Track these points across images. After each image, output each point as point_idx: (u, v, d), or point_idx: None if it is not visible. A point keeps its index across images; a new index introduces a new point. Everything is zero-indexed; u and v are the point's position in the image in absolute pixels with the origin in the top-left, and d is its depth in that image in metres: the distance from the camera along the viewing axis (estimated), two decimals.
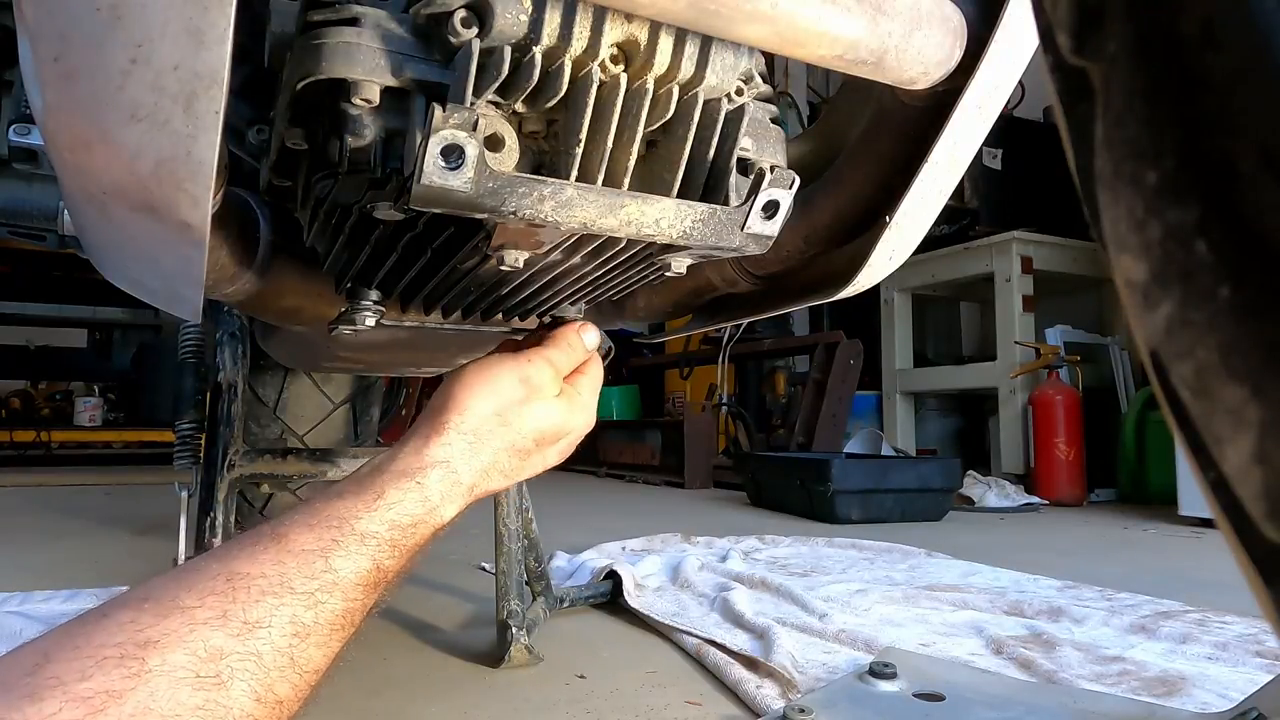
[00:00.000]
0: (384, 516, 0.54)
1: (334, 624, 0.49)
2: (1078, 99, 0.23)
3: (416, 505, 0.57)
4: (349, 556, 0.51)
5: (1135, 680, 1.03)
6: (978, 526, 2.68)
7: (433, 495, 0.58)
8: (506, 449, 0.64)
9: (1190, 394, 0.20)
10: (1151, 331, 0.21)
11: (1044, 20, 0.24)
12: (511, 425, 0.65)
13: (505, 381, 0.65)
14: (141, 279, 0.67)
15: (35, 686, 0.38)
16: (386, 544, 0.54)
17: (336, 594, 0.49)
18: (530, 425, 0.66)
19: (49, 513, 2.70)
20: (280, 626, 0.46)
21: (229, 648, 0.43)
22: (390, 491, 0.56)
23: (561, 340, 0.70)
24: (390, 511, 0.55)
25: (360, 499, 0.55)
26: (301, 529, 0.51)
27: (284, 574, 0.48)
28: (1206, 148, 0.19)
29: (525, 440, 0.65)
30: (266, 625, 0.45)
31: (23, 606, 1.33)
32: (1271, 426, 0.18)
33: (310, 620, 0.47)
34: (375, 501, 0.55)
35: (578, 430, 0.71)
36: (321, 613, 0.48)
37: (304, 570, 0.49)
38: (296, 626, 0.46)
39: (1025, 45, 0.59)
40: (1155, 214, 0.20)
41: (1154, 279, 0.20)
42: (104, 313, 5.15)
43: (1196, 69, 0.19)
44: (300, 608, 0.47)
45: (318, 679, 0.48)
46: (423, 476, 0.58)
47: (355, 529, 0.52)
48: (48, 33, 0.41)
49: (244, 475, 1.03)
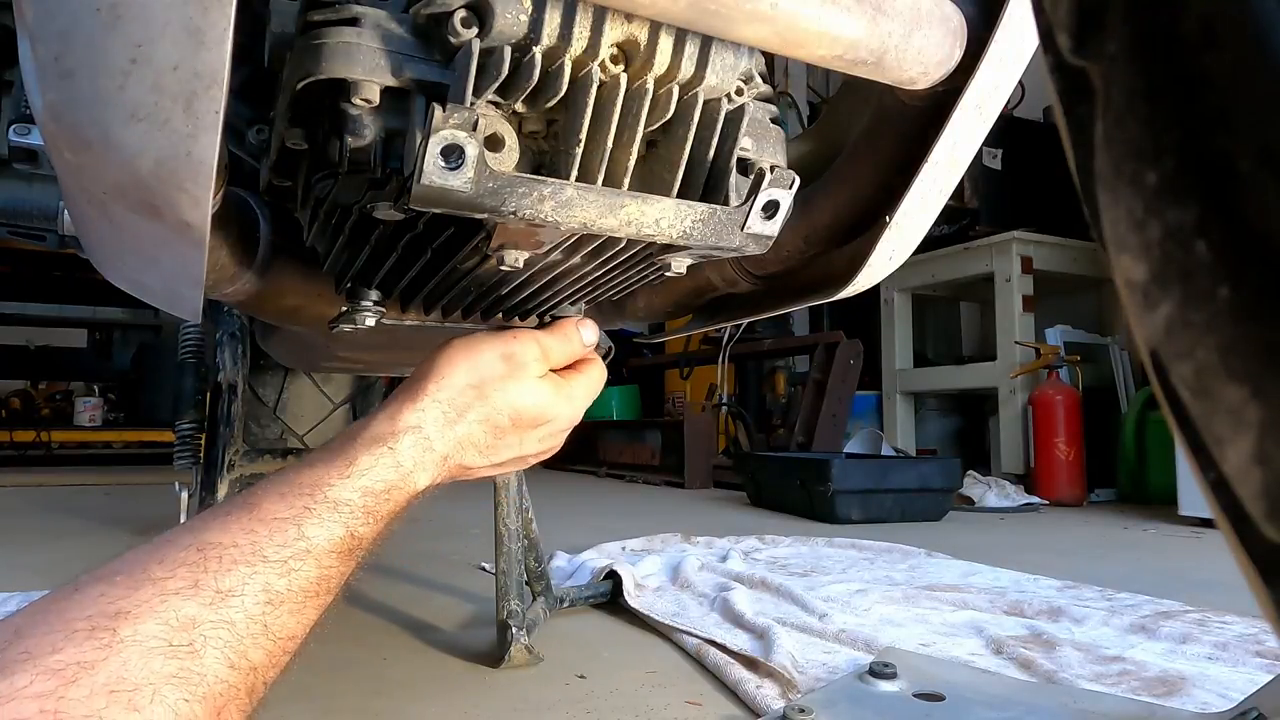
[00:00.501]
0: (356, 484, 0.54)
1: (308, 591, 0.49)
2: (1078, 99, 0.23)
3: (389, 471, 0.56)
4: (322, 524, 0.51)
5: (1135, 680, 1.03)
6: (978, 526, 2.68)
7: (405, 461, 0.57)
8: (481, 422, 0.63)
9: (1190, 394, 0.20)
10: (1151, 331, 0.21)
11: (1044, 20, 0.24)
12: (489, 399, 0.63)
13: (487, 356, 0.65)
14: (141, 279, 0.67)
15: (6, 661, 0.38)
16: (360, 510, 0.53)
17: (310, 561, 0.49)
18: (507, 401, 0.64)
19: (49, 513, 2.70)
20: (253, 594, 0.46)
21: (201, 616, 0.43)
22: (362, 458, 0.56)
23: (557, 328, 0.70)
24: (363, 478, 0.54)
25: (332, 466, 0.54)
26: (273, 498, 0.51)
27: (256, 542, 0.48)
28: (1206, 148, 0.19)
29: (501, 416, 0.64)
30: (239, 594, 0.45)
31: (23, 606, 1.33)
32: (1271, 426, 0.18)
33: (283, 588, 0.47)
34: (348, 468, 0.54)
35: (561, 420, 0.69)
36: (295, 580, 0.48)
37: (276, 538, 0.48)
38: (269, 594, 0.46)
39: (1025, 45, 0.59)
40: (1155, 214, 0.20)
41: (1154, 279, 0.20)
42: (104, 313, 5.15)
43: (1196, 69, 0.19)
44: (273, 575, 0.47)
45: (294, 645, 0.48)
46: (395, 442, 0.58)
47: (328, 496, 0.52)
48: (48, 33, 0.41)
49: (244, 475, 1.03)
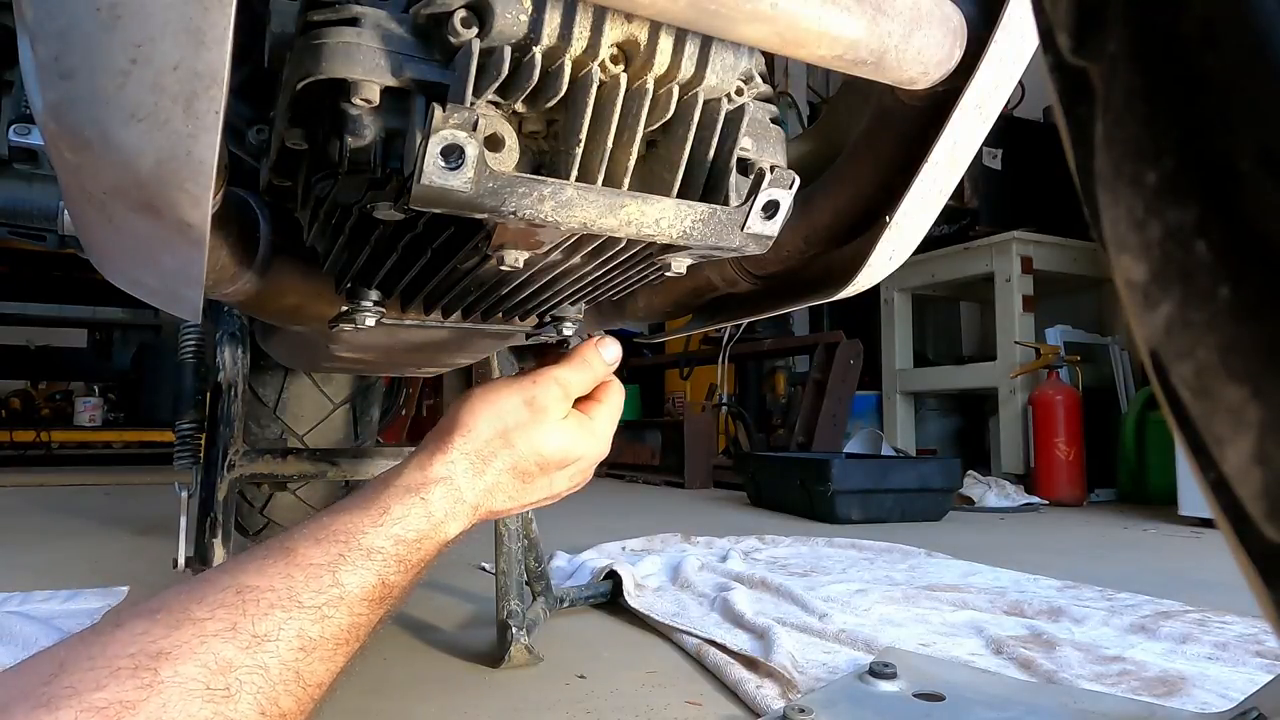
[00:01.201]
0: (389, 531, 0.55)
1: (339, 639, 0.49)
2: (1078, 99, 0.23)
3: (421, 521, 0.57)
4: (355, 571, 0.51)
5: (1135, 680, 1.03)
6: (978, 526, 2.68)
7: (436, 511, 0.58)
8: (509, 470, 0.64)
9: (1190, 394, 0.20)
10: (1151, 331, 0.21)
11: (1044, 20, 0.24)
12: (515, 447, 0.65)
13: (509, 404, 0.66)
14: (141, 279, 0.67)
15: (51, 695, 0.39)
16: (392, 559, 0.54)
17: (343, 609, 0.50)
18: (533, 448, 0.65)
19: (49, 513, 2.70)
20: (287, 640, 0.46)
21: (238, 660, 0.44)
22: (395, 507, 0.57)
23: (576, 357, 0.70)
24: (395, 526, 0.55)
25: (366, 514, 0.55)
26: (309, 543, 0.52)
27: (292, 588, 0.48)
28: (1206, 148, 0.19)
29: (528, 463, 0.65)
30: (274, 639, 0.46)
31: (23, 606, 1.33)
32: (1271, 426, 0.18)
33: (316, 634, 0.48)
34: (381, 516, 0.55)
35: (588, 457, 0.70)
36: (327, 627, 0.48)
37: (311, 584, 0.49)
38: (303, 640, 0.47)
39: (1025, 45, 0.59)
40: (1155, 214, 0.20)
41: (1154, 279, 0.20)
42: (104, 313, 5.15)
43: (1196, 69, 0.19)
44: (307, 622, 0.48)
45: (321, 693, 0.49)
46: (426, 492, 0.59)
47: (361, 544, 0.53)
48: (48, 33, 0.41)
49: (244, 475, 1.03)
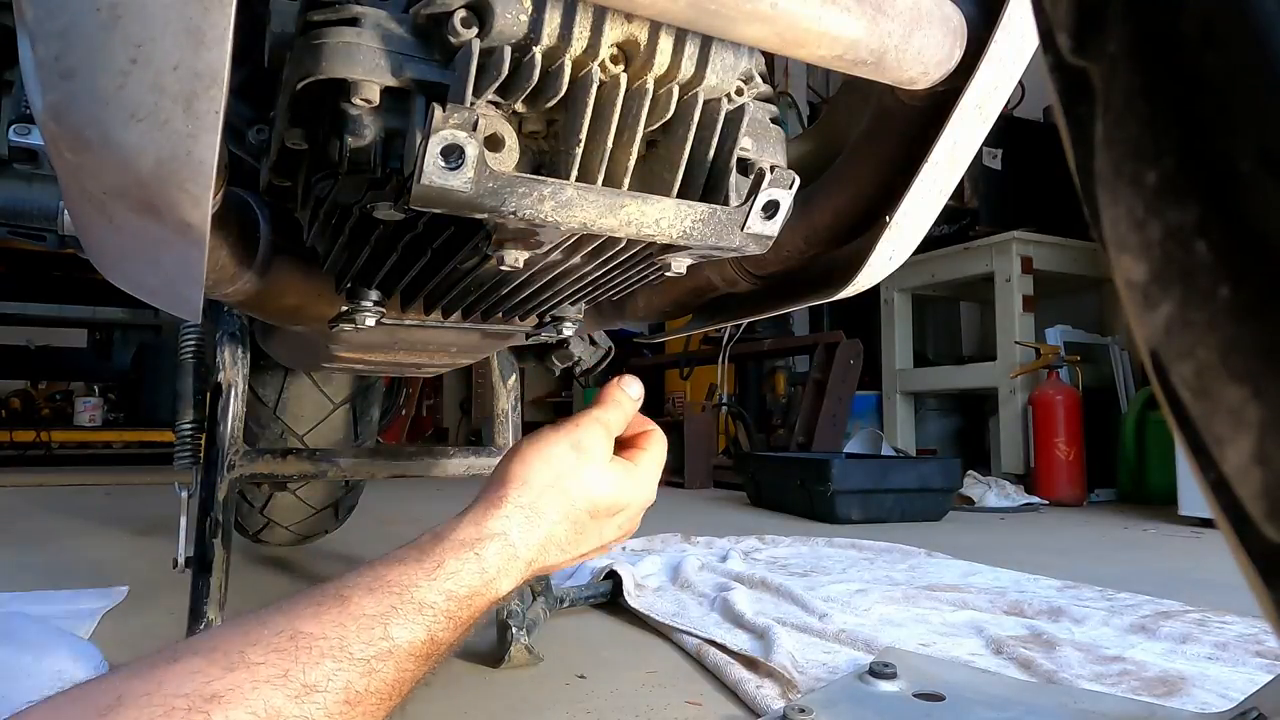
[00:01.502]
0: (442, 586, 0.55)
1: (383, 694, 0.49)
2: (1078, 99, 0.23)
3: (474, 577, 0.57)
4: (406, 625, 0.51)
5: (1135, 680, 1.03)
6: (978, 526, 2.68)
7: (490, 568, 0.58)
8: (563, 520, 0.64)
9: (1190, 394, 0.20)
10: (1151, 331, 0.21)
11: (1044, 20, 0.24)
12: (568, 493, 0.65)
13: (558, 450, 0.66)
14: (141, 279, 0.67)
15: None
16: (443, 615, 0.54)
17: (390, 663, 0.50)
18: (584, 492, 0.66)
19: (49, 513, 2.70)
20: (335, 692, 0.46)
21: (287, 710, 0.44)
22: (449, 561, 0.56)
23: (608, 399, 0.72)
24: (448, 581, 0.55)
25: (420, 566, 0.55)
26: (363, 592, 0.52)
27: (344, 638, 0.49)
28: (1206, 148, 0.19)
29: (580, 511, 0.65)
30: (323, 690, 0.46)
31: (23, 606, 1.33)
32: (1271, 426, 0.18)
33: (363, 688, 0.48)
34: (435, 570, 0.55)
35: (636, 504, 0.71)
36: (374, 681, 0.49)
37: (363, 636, 0.49)
38: (349, 694, 0.47)
39: (1025, 45, 0.59)
40: (1155, 214, 0.20)
41: (1154, 279, 0.20)
42: (104, 313, 5.14)
43: (1196, 69, 0.19)
44: (356, 675, 0.48)
45: None
46: (481, 548, 0.58)
47: (414, 597, 0.53)
48: (48, 33, 0.41)
49: (244, 475, 1.03)
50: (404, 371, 1.22)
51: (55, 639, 1.09)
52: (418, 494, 3.15)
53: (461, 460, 1.17)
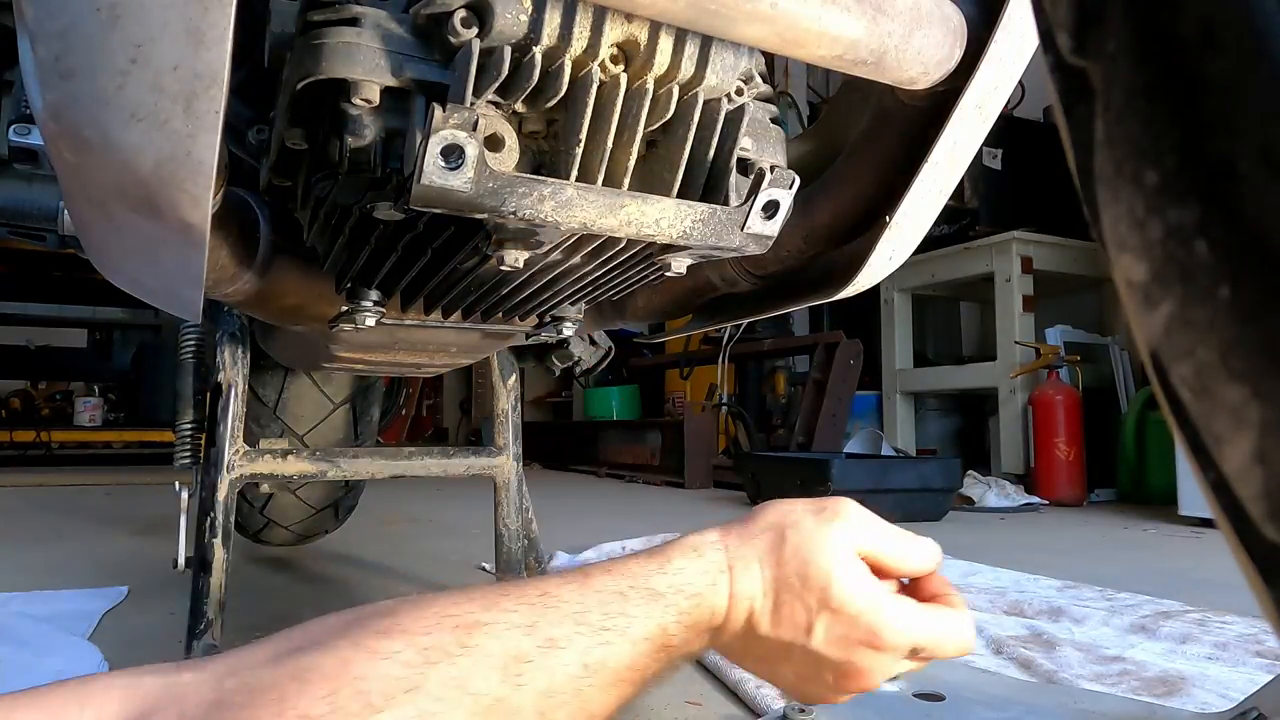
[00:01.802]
0: (671, 580, 0.54)
1: (617, 673, 0.49)
2: (1078, 99, 0.23)
3: (698, 576, 0.54)
4: (640, 606, 0.52)
5: (1135, 680, 1.03)
6: (978, 526, 2.68)
7: (710, 567, 0.55)
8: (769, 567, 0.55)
9: (1190, 394, 0.20)
10: (1151, 331, 0.21)
11: (1044, 20, 0.24)
12: (785, 542, 0.56)
13: (797, 505, 0.59)
14: (141, 279, 0.67)
15: (386, 628, 0.44)
16: (673, 608, 0.53)
17: (625, 641, 0.50)
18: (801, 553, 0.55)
19: (49, 513, 2.70)
20: (574, 652, 0.48)
21: (532, 655, 0.46)
22: (676, 557, 0.55)
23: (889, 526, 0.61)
24: (677, 576, 0.54)
25: (652, 559, 0.55)
26: (601, 572, 0.53)
27: (585, 604, 0.50)
28: (1206, 148, 0.19)
29: (789, 572, 0.55)
30: (563, 647, 0.47)
31: (23, 606, 1.33)
32: (1271, 426, 0.18)
33: (598, 658, 0.48)
34: (664, 564, 0.55)
35: (882, 638, 0.54)
36: (609, 653, 0.49)
37: (601, 607, 0.50)
38: (586, 659, 0.48)
39: (1025, 45, 0.59)
40: (1155, 214, 0.20)
41: (1154, 279, 0.20)
42: (104, 313, 5.15)
43: (1196, 69, 0.19)
44: (593, 642, 0.49)
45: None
46: (700, 549, 0.56)
47: (648, 584, 0.53)
48: (48, 33, 0.41)
49: (244, 475, 1.03)
50: (404, 371, 1.22)
51: (55, 639, 1.10)
52: (418, 494, 3.15)
53: (461, 460, 1.17)
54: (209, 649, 0.95)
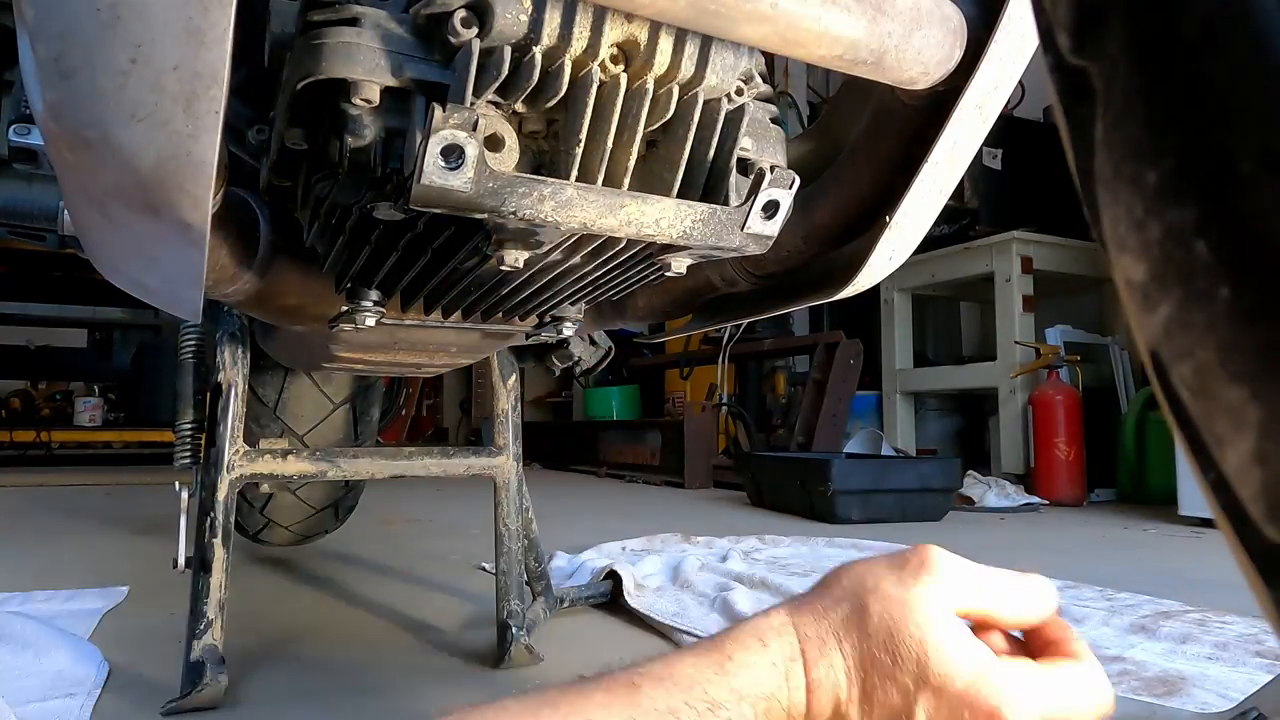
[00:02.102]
0: (731, 683, 0.46)
1: None
2: (1078, 99, 0.23)
3: (765, 671, 0.46)
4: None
5: (1135, 680, 1.03)
6: (978, 526, 2.68)
7: (778, 659, 0.47)
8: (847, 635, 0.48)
9: (1190, 394, 0.20)
10: (1151, 331, 0.21)
11: (1044, 20, 0.24)
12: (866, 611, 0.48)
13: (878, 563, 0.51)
14: (141, 279, 0.67)
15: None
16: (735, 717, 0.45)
17: None
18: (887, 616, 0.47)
19: (49, 513, 2.70)
20: None
21: None
22: (737, 653, 0.47)
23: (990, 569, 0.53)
24: (737, 678, 0.46)
25: (709, 657, 0.47)
26: (653, 682, 0.45)
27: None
28: (1206, 148, 0.19)
29: (873, 637, 0.47)
30: None
31: (23, 606, 1.33)
32: (1271, 427, 0.18)
33: None
34: (724, 663, 0.46)
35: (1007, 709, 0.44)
36: None
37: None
38: None
39: (1025, 45, 0.59)
40: (1155, 214, 0.20)
41: (1154, 279, 0.20)
42: (104, 313, 5.15)
43: (1196, 69, 0.19)
44: None
45: None
46: (767, 637, 0.48)
47: (705, 694, 0.45)
48: (48, 33, 0.41)
49: (244, 475, 1.03)
50: (404, 371, 1.22)
51: (55, 639, 1.10)
52: (418, 494, 3.15)
53: (461, 460, 1.17)
54: (209, 649, 0.95)
